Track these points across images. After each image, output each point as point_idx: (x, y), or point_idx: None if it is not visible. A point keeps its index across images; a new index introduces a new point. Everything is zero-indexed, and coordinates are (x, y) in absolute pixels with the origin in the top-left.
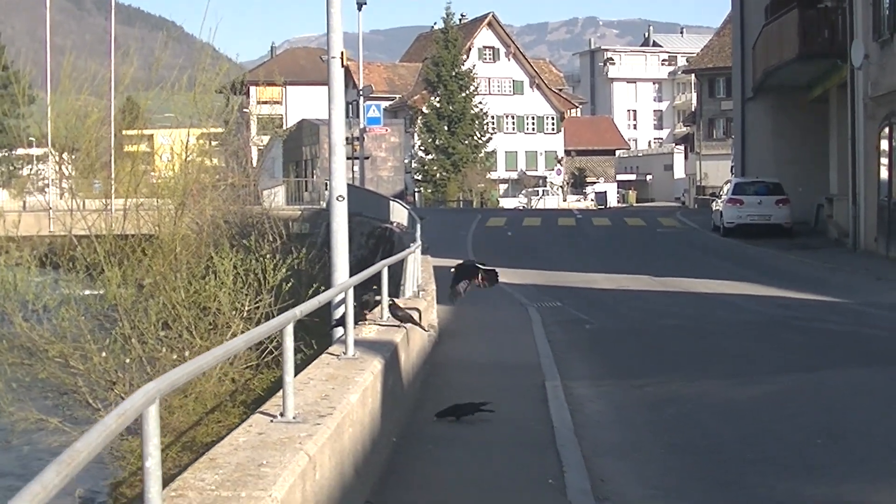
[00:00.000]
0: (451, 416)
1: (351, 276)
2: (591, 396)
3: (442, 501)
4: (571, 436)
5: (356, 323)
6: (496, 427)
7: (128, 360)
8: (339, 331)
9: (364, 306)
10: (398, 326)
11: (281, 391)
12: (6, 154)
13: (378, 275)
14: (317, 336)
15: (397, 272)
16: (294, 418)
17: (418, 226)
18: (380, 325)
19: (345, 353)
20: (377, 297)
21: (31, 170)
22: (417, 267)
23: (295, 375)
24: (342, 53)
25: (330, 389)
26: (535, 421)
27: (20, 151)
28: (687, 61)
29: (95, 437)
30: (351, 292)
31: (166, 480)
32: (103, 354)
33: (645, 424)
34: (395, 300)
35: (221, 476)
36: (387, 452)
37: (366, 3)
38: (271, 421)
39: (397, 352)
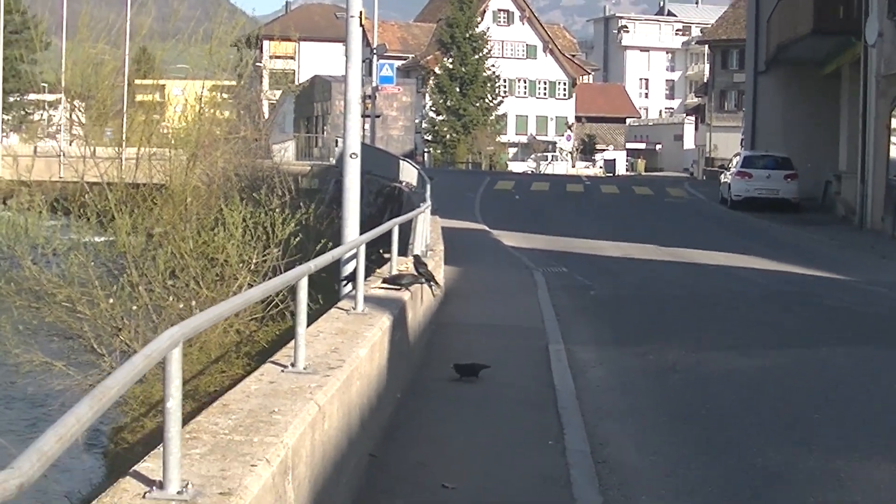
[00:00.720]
0: (468, 375)
1: (360, 234)
2: (594, 361)
3: (443, 457)
4: (573, 399)
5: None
6: (499, 387)
7: (134, 308)
8: (348, 286)
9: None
10: (402, 288)
11: (293, 342)
12: (18, 98)
13: (388, 233)
14: (322, 291)
15: (406, 231)
16: (305, 369)
17: (428, 186)
18: (387, 283)
19: (354, 309)
20: (386, 255)
21: (42, 115)
22: (427, 227)
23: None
24: (361, 12)
25: (339, 343)
26: (538, 383)
27: (32, 97)
28: (701, 32)
29: (124, 375)
30: (363, 249)
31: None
32: (110, 301)
33: (645, 391)
34: (413, 258)
35: (234, 421)
36: (391, 408)
37: None
38: (282, 371)
39: (405, 309)
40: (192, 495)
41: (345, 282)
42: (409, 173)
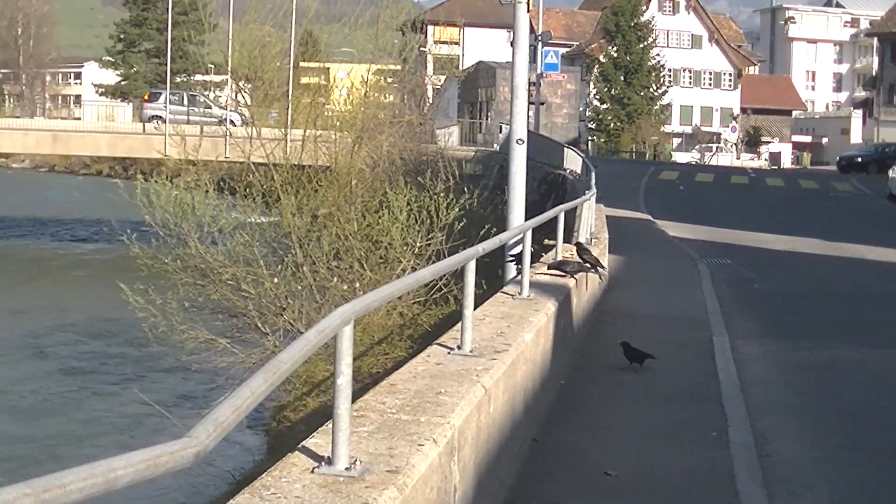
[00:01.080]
0: (634, 360)
1: (525, 220)
2: (758, 355)
3: (604, 445)
4: (737, 392)
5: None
6: (662, 377)
7: (299, 288)
8: (512, 271)
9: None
10: (567, 274)
11: (458, 325)
12: (185, 79)
13: (551, 221)
14: (485, 276)
15: (570, 219)
16: (471, 352)
17: (593, 174)
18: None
19: (520, 294)
20: (549, 242)
21: (208, 96)
22: (591, 214)
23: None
24: None
25: (505, 327)
26: (702, 374)
27: (198, 77)
28: (870, 24)
29: (298, 349)
30: (529, 234)
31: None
32: (275, 280)
33: (809, 387)
34: (575, 244)
35: (401, 401)
36: (554, 393)
37: None
38: (448, 353)
39: (570, 296)
40: (360, 472)
41: (512, 259)
42: (573, 161)
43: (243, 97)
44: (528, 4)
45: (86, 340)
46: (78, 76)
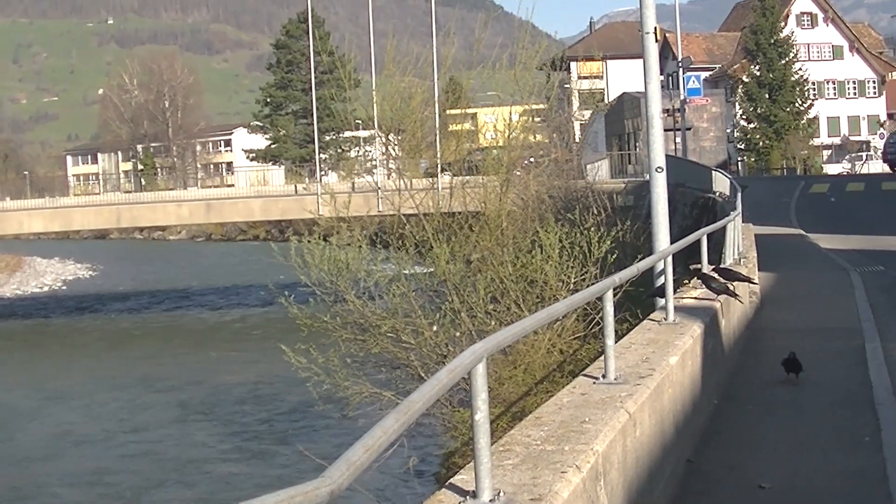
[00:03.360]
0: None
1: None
2: None
3: (759, 459)
4: (890, 396)
5: (676, 290)
6: (815, 388)
7: (458, 334)
8: (661, 299)
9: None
10: (713, 291)
11: (603, 355)
12: (334, 137)
13: (698, 242)
14: (642, 306)
15: (720, 241)
16: (615, 380)
17: (739, 194)
18: (698, 292)
19: (665, 319)
20: (694, 266)
21: (358, 152)
22: (738, 234)
23: (617, 341)
24: (656, 28)
25: (650, 353)
26: (854, 382)
27: (347, 134)
28: None
29: (428, 389)
30: (670, 259)
31: (496, 439)
32: (434, 329)
33: None
34: (712, 269)
35: (546, 432)
36: (708, 414)
37: None
38: (593, 382)
39: (717, 317)
40: (504, 502)
41: (654, 293)
42: (721, 183)
43: (392, 150)
44: (657, 33)
45: (251, 403)
46: (228, 143)
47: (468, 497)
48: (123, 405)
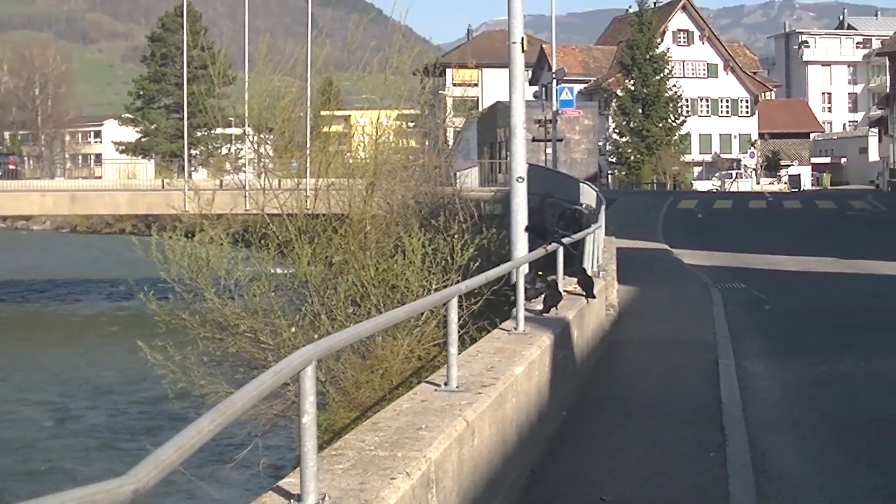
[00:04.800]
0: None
1: None
2: (763, 374)
3: (604, 471)
4: (738, 412)
5: (530, 300)
6: (666, 402)
7: (317, 337)
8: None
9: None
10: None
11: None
12: (205, 133)
13: (555, 253)
14: (503, 315)
15: (580, 252)
16: (457, 387)
17: (602, 207)
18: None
19: (515, 329)
20: (551, 278)
21: (229, 149)
22: (598, 247)
23: (466, 349)
24: (522, 39)
25: (496, 362)
26: (705, 397)
27: (218, 131)
28: (881, 44)
29: (251, 390)
30: (521, 269)
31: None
32: (293, 330)
33: (813, 402)
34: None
35: (381, 438)
36: (556, 425)
37: None
38: (435, 390)
39: (569, 328)
40: None
41: (508, 290)
42: (589, 195)
43: (264, 149)
44: (524, 45)
45: (104, 398)
46: (98, 135)
47: (293, 500)
48: None
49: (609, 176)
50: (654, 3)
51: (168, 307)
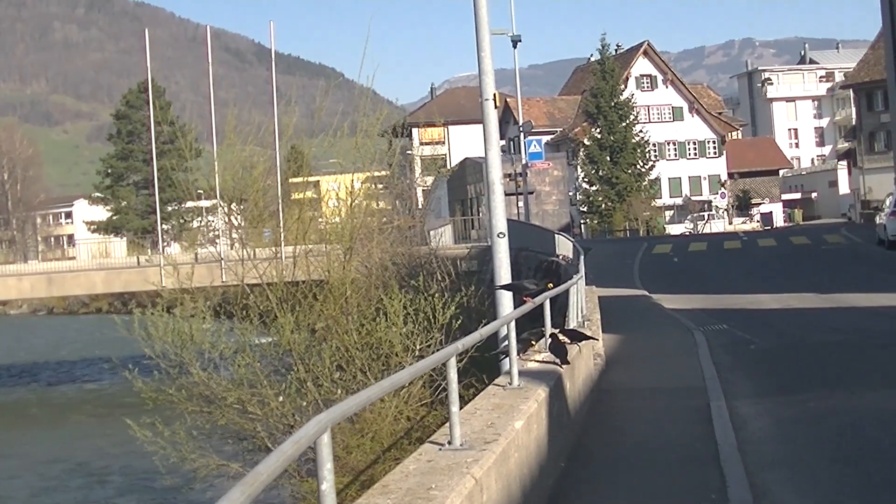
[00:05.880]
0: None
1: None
2: (755, 413)
3: None
4: (735, 452)
5: (521, 355)
6: (662, 447)
7: (304, 404)
8: (506, 363)
9: (526, 342)
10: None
11: (448, 422)
12: (176, 207)
13: (542, 306)
14: (488, 371)
15: (564, 304)
16: (461, 445)
17: (582, 257)
18: (544, 356)
19: (510, 384)
20: (542, 329)
21: (201, 222)
22: (581, 297)
23: (463, 406)
24: (495, 95)
25: (496, 418)
26: (700, 440)
27: (189, 204)
28: (844, 76)
29: (274, 461)
30: (513, 325)
31: None
32: (280, 399)
33: (807, 438)
34: (557, 332)
35: (393, 500)
36: (555, 476)
37: (521, 41)
38: (439, 449)
39: (562, 380)
40: None
41: (503, 356)
42: (564, 246)
43: (235, 220)
44: (496, 101)
45: (97, 478)
46: (69, 215)
47: None
48: None
49: (581, 225)
50: (616, 50)
51: (154, 383)
